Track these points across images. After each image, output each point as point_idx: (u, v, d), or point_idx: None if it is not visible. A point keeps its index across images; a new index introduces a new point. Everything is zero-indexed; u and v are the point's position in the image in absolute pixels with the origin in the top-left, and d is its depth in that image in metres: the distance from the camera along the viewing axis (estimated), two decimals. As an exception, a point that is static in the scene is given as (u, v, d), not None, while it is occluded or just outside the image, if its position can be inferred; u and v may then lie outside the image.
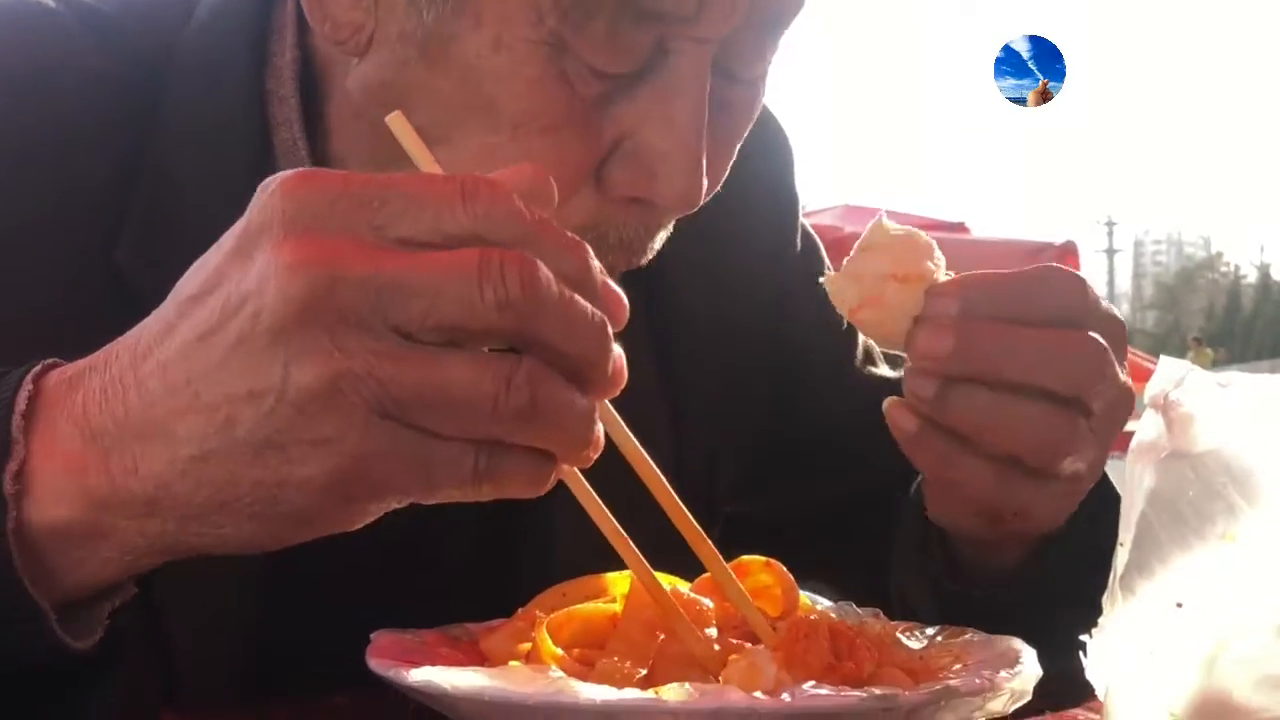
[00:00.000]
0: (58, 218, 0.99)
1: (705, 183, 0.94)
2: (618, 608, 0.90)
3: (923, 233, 0.95)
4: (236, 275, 0.65)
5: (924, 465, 0.97)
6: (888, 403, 0.96)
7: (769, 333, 1.31)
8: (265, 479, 0.65)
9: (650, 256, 1.02)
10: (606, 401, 0.74)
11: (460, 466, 0.66)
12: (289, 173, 0.66)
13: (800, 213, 1.37)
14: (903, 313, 0.92)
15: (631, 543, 0.87)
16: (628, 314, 0.70)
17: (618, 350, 0.68)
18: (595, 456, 0.70)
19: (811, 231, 1.39)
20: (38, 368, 0.71)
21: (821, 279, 0.95)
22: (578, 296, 0.66)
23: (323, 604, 1.04)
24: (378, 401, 0.63)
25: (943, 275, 0.93)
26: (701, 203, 1.00)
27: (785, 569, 0.96)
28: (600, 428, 0.69)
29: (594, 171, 0.94)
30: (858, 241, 0.94)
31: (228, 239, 0.67)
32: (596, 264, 0.68)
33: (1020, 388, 0.90)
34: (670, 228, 1.02)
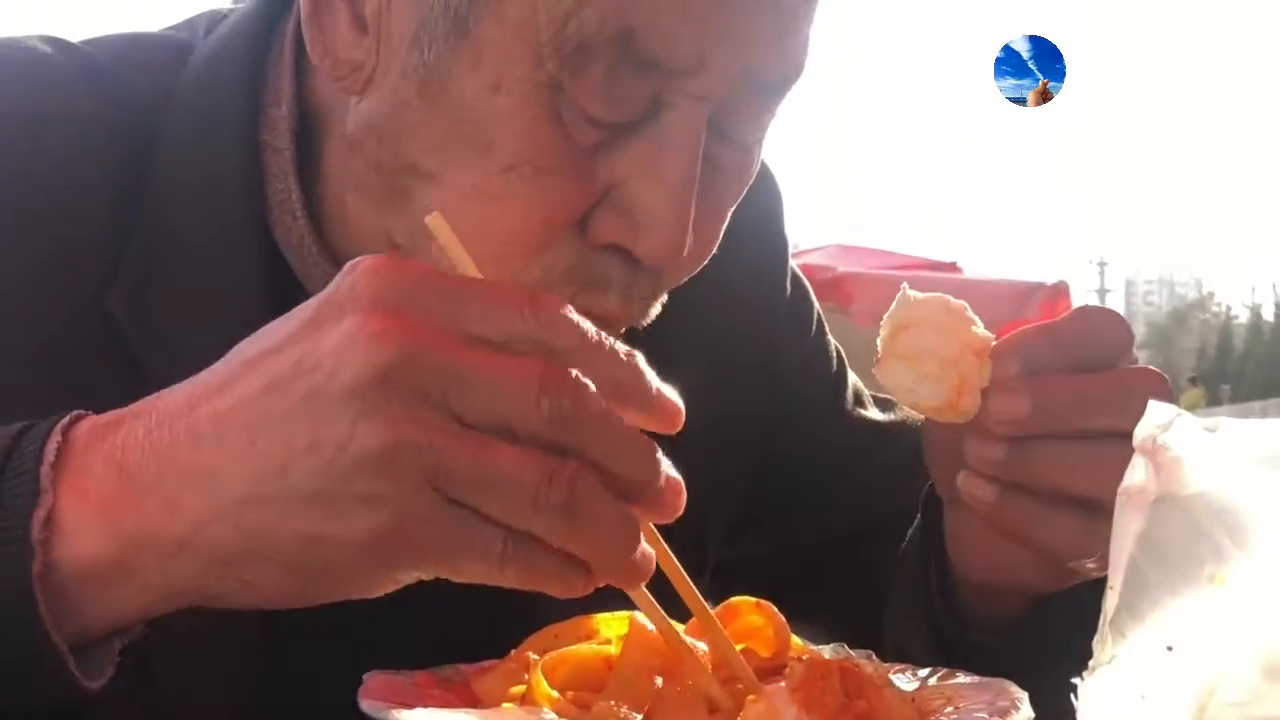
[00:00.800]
0: (50, 265, 0.99)
1: (690, 241, 0.95)
2: (612, 650, 0.90)
3: (945, 295, 0.95)
4: (311, 338, 0.68)
5: (1011, 529, 0.97)
6: (961, 478, 0.96)
7: (759, 377, 1.31)
8: (307, 530, 0.68)
9: (645, 319, 1.02)
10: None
11: (490, 547, 0.69)
12: (376, 256, 0.70)
13: (790, 256, 1.38)
14: (970, 385, 0.92)
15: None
16: (682, 420, 0.74)
17: (675, 474, 0.73)
18: (641, 578, 0.74)
19: (801, 275, 1.39)
20: (66, 419, 0.73)
21: (874, 370, 0.95)
22: (623, 421, 0.70)
23: (314, 646, 1.03)
24: (431, 471, 0.66)
25: (978, 325, 0.94)
26: (691, 268, 1.01)
27: (776, 610, 0.96)
28: (649, 551, 0.73)
29: (580, 219, 0.95)
30: (887, 321, 0.94)
31: (304, 310, 0.70)
32: (650, 376, 0.73)
33: (1095, 433, 0.91)
34: (665, 296, 1.03)
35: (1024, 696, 0.85)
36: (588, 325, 0.71)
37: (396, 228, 0.98)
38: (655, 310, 1.03)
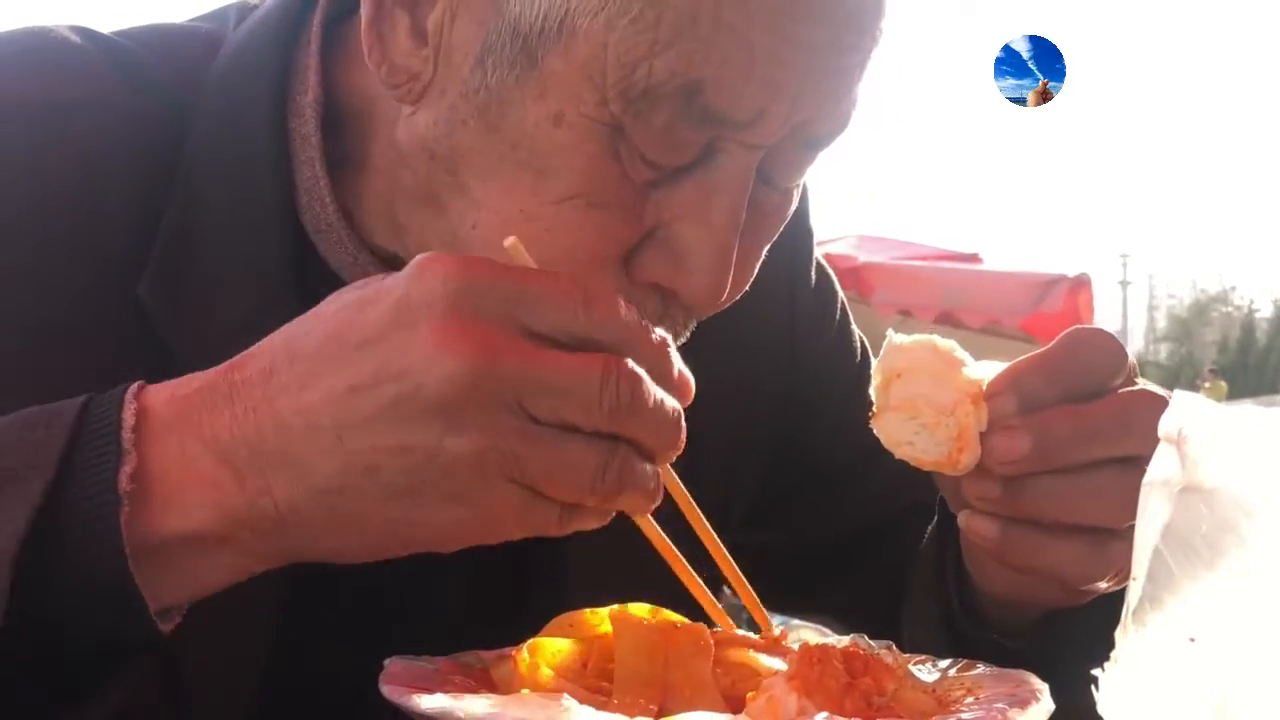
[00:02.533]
0: (81, 253, 0.99)
1: (730, 282, 0.96)
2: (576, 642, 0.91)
3: (934, 336, 0.95)
4: (395, 344, 0.75)
5: (1017, 563, 0.97)
6: (961, 518, 0.97)
7: (782, 363, 1.32)
8: (395, 517, 0.77)
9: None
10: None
11: (549, 518, 0.79)
12: (442, 256, 0.77)
13: (815, 247, 1.38)
14: (969, 439, 0.92)
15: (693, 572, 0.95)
16: (693, 393, 0.83)
17: (683, 428, 0.82)
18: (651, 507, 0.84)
19: (826, 266, 1.39)
20: (132, 388, 0.78)
21: (871, 426, 0.96)
22: (664, 398, 0.80)
23: (337, 631, 1.04)
24: (510, 471, 0.75)
25: (973, 366, 0.94)
26: (725, 304, 1.01)
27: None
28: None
29: (626, 254, 0.96)
30: (877, 370, 0.95)
31: (379, 306, 0.76)
32: (676, 358, 0.82)
33: (1096, 463, 0.91)
34: (690, 329, 1.04)
35: (1044, 688, 0.85)
36: (634, 317, 0.79)
37: (433, 229, 0.99)
38: (682, 339, 1.03)
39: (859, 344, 1.40)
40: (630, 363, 0.77)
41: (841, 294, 1.41)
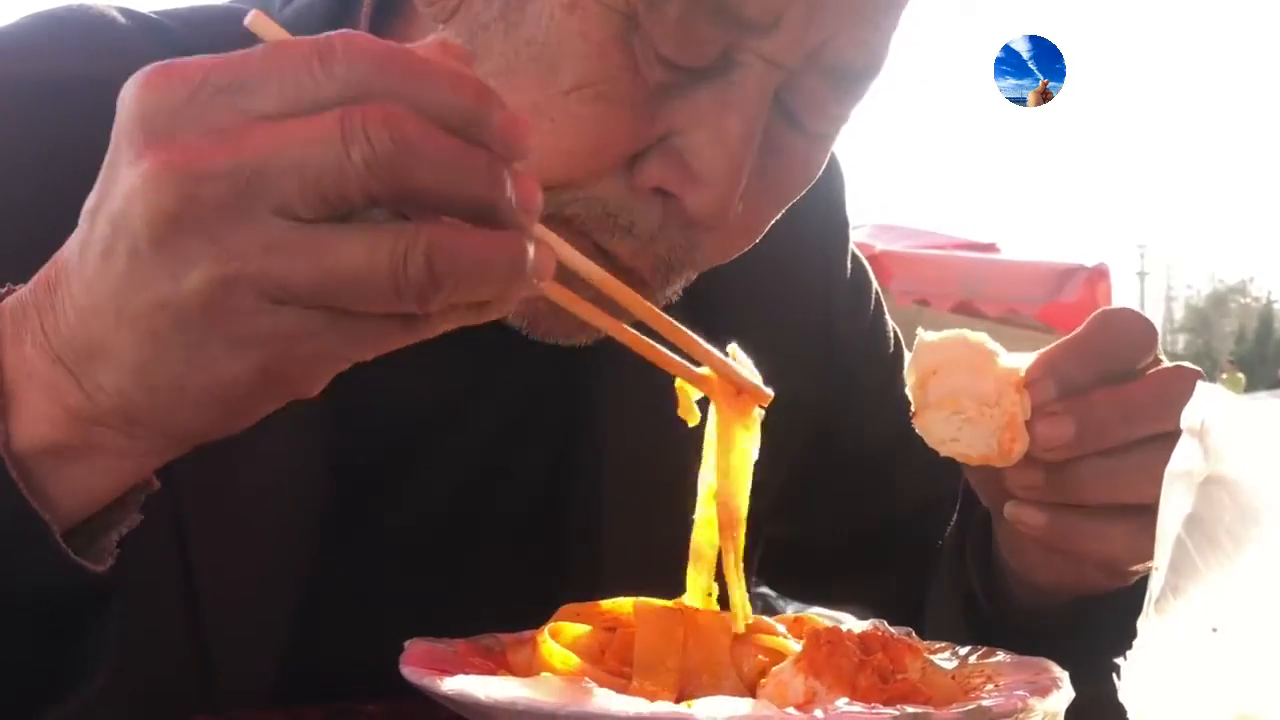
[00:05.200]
0: None
1: (739, 208, 0.94)
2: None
3: (964, 330, 0.95)
4: (114, 189, 0.65)
5: (1067, 548, 0.97)
6: (1008, 508, 0.96)
7: (816, 354, 1.31)
8: (206, 380, 0.67)
9: (664, 291, 1.01)
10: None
11: (388, 329, 0.66)
12: (145, 69, 0.65)
13: (850, 237, 1.37)
14: (1018, 426, 0.92)
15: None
16: (528, 143, 0.66)
17: (526, 180, 0.66)
18: (543, 284, 0.69)
19: (860, 255, 1.39)
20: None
21: (913, 423, 0.95)
22: (455, 141, 0.63)
23: (361, 612, 1.04)
24: (273, 294, 0.63)
25: (1005, 356, 0.93)
26: (729, 248, 1.01)
27: None
28: (543, 242, 0.68)
29: (631, 157, 0.94)
30: (911, 369, 0.94)
31: (109, 152, 0.67)
32: (491, 95, 0.65)
33: (1139, 441, 0.91)
34: (692, 277, 1.02)
35: (1065, 676, 0.85)
36: (390, 55, 0.63)
37: None
38: (676, 284, 1.02)
39: (892, 334, 1.40)
40: (380, 104, 0.62)
41: (876, 285, 1.40)
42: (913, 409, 0.94)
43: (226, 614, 1.00)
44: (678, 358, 0.91)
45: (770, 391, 0.94)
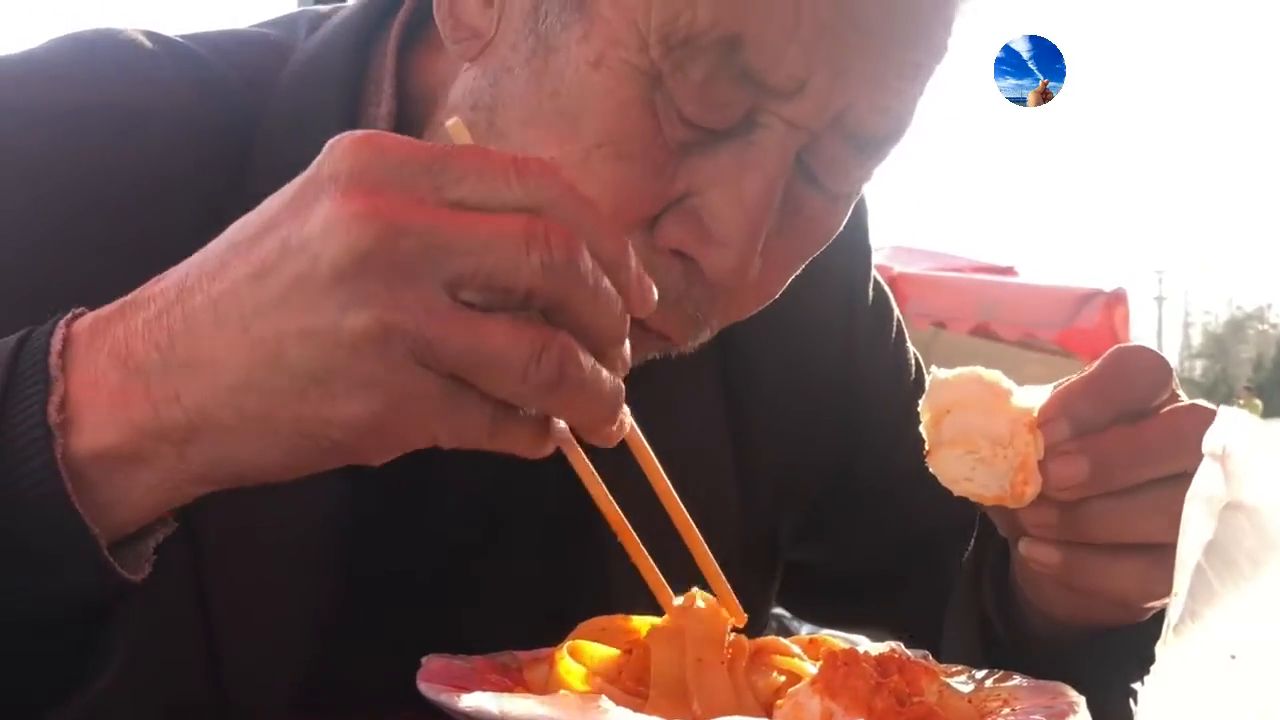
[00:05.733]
0: (142, 261, 0.98)
1: (757, 266, 0.94)
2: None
3: (978, 368, 0.94)
4: (298, 220, 0.68)
5: (1081, 585, 0.97)
6: (1022, 545, 0.96)
7: (838, 383, 1.31)
8: (306, 413, 0.69)
9: (685, 344, 1.01)
10: (634, 426, 0.81)
11: (480, 421, 0.70)
12: (356, 132, 0.70)
13: (872, 264, 1.37)
14: (1030, 468, 0.91)
15: (627, 523, 0.89)
16: (654, 305, 0.74)
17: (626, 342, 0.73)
18: (619, 436, 0.75)
19: (883, 284, 1.38)
20: (68, 315, 0.75)
21: (927, 462, 0.94)
22: (607, 280, 0.70)
23: (376, 630, 1.04)
24: (420, 352, 0.67)
25: (1019, 394, 0.93)
26: (748, 304, 1.01)
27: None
28: (625, 418, 0.75)
29: (651, 217, 0.94)
30: (925, 407, 0.94)
31: (289, 189, 0.71)
32: (633, 253, 0.73)
33: (1154, 481, 0.91)
34: (712, 328, 1.02)
35: (1081, 701, 0.85)
36: (574, 192, 0.71)
37: None
38: (700, 338, 1.02)
39: (913, 361, 1.39)
40: (562, 223, 0.69)
41: (898, 313, 1.40)
42: (926, 447, 0.94)
43: (240, 629, 0.99)
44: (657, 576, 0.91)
45: (744, 615, 0.92)
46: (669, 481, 0.88)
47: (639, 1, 0.89)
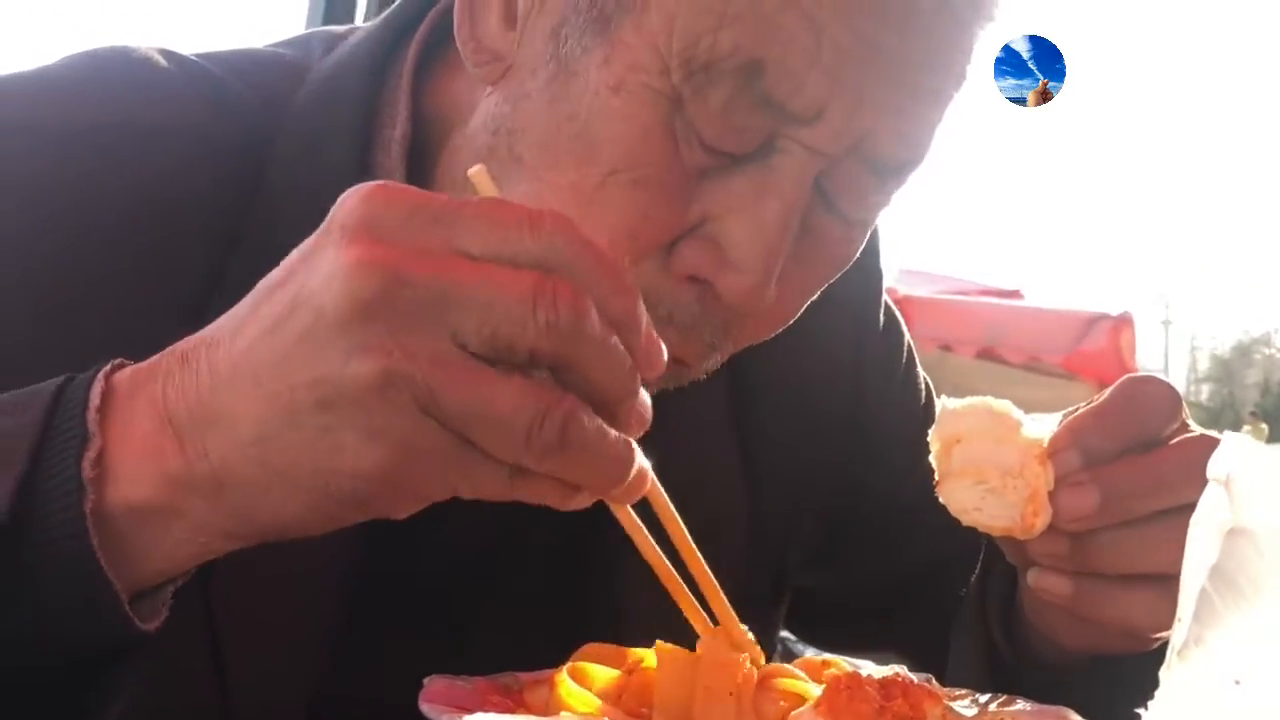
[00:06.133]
0: (154, 281, 0.98)
1: (773, 292, 0.94)
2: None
3: (988, 398, 0.94)
4: (304, 272, 0.69)
5: (1090, 615, 0.97)
6: (1031, 575, 0.96)
7: (847, 409, 1.31)
8: (322, 466, 0.69)
9: (701, 370, 1.01)
10: (655, 481, 0.79)
11: (497, 474, 0.70)
12: (370, 183, 0.70)
13: (884, 289, 1.37)
14: (1041, 500, 0.92)
15: (678, 577, 0.89)
16: (664, 365, 0.73)
17: (645, 397, 0.73)
18: (634, 495, 0.76)
19: (894, 308, 1.38)
20: (108, 367, 0.75)
21: (937, 492, 0.95)
22: (615, 339, 0.69)
23: (383, 655, 1.04)
24: (425, 401, 0.67)
25: (1029, 425, 0.93)
26: (763, 330, 1.01)
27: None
28: (643, 467, 0.74)
29: (668, 244, 0.94)
30: (934, 437, 0.94)
31: (307, 243, 0.71)
32: (644, 312, 0.71)
33: (1165, 512, 0.91)
34: (725, 352, 1.02)
35: (1085, 725, 0.85)
36: (589, 247, 0.70)
37: None
38: (714, 363, 1.02)
39: (924, 386, 1.39)
40: (572, 282, 0.68)
41: (908, 337, 1.40)
42: (936, 477, 0.94)
43: (248, 647, 0.99)
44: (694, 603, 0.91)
45: (762, 654, 0.93)
46: (686, 532, 0.88)
47: (661, 26, 0.89)
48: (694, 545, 0.89)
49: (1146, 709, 0.69)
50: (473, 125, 1.00)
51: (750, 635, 0.93)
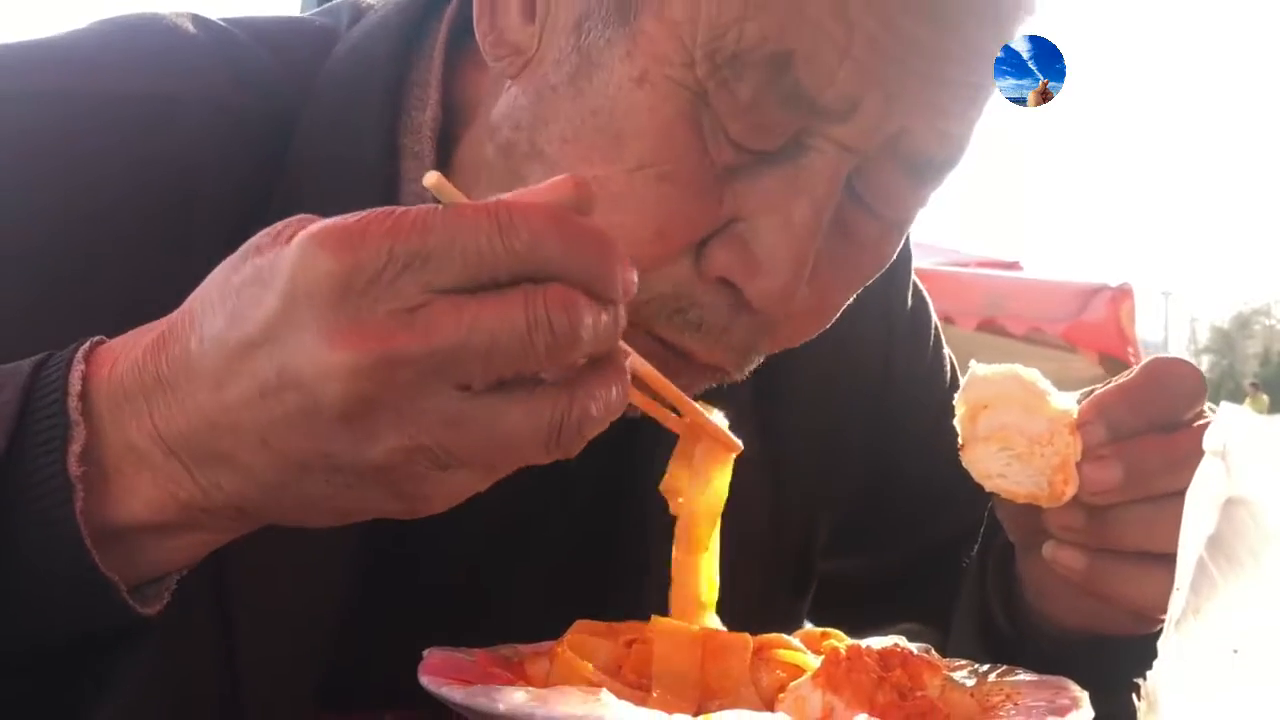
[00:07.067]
0: (175, 256, 0.94)
1: (805, 294, 0.92)
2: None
3: (1017, 366, 0.94)
4: (288, 343, 0.67)
5: (1102, 591, 0.97)
6: (1047, 549, 0.96)
7: (873, 391, 1.29)
8: (347, 506, 0.72)
9: (738, 373, 1.00)
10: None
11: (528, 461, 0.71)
12: (323, 229, 0.67)
13: (912, 268, 1.34)
14: (1069, 468, 0.91)
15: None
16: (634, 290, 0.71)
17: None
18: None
19: (921, 288, 1.35)
20: (84, 347, 0.74)
21: (960, 456, 0.94)
22: (605, 315, 0.69)
23: (400, 629, 1.03)
24: (443, 461, 0.68)
25: (1055, 395, 0.93)
26: (799, 333, 0.99)
27: None
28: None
29: (698, 243, 0.92)
30: (960, 401, 0.93)
31: (271, 286, 0.68)
32: (619, 257, 0.69)
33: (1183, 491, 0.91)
34: (761, 356, 1.00)
35: (1084, 696, 0.85)
36: (559, 228, 0.67)
37: None
38: (750, 366, 1.00)
39: (950, 366, 1.37)
40: (559, 289, 0.67)
41: (935, 317, 1.37)
42: (960, 441, 0.94)
43: (260, 627, 0.98)
44: (661, 406, 0.90)
45: (739, 444, 0.92)
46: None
47: (685, 16, 0.87)
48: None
49: (1145, 680, 0.69)
50: (494, 117, 0.98)
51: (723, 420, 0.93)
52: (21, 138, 0.98)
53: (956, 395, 0.94)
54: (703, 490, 0.91)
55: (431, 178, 0.71)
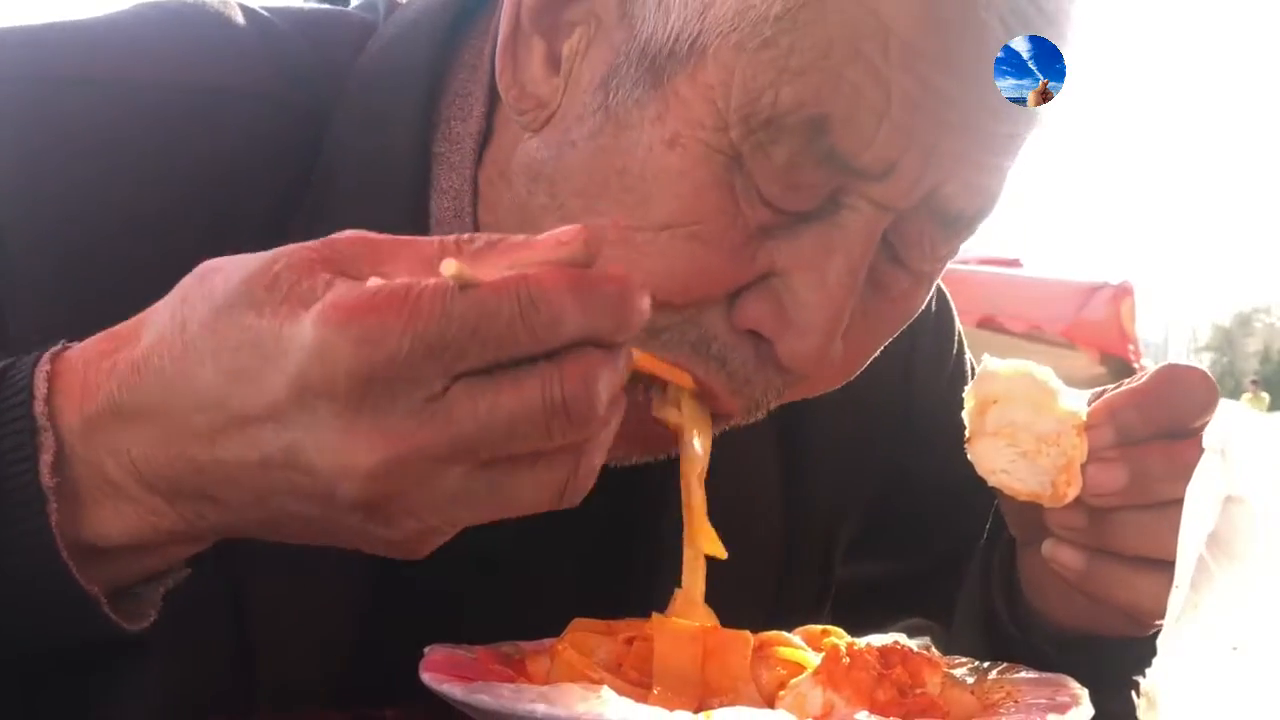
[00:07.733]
0: (209, 234, 0.93)
1: (838, 349, 0.92)
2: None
3: (1030, 363, 0.94)
4: (299, 428, 0.66)
5: (1099, 594, 0.97)
6: (1046, 546, 0.96)
7: (895, 399, 1.27)
8: (332, 542, 0.73)
9: (753, 418, 0.99)
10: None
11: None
12: (339, 313, 0.65)
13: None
14: (1074, 469, 0.92)
15: None
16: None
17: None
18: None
19: (946, 293, 1.34)
20: (49, 354, 0.73)
21: (966, 449, 0.94)
22: (619, 369, 0.70)
23: (413, 628, 1.03)
24: (461, 528, 0.71)
25: (1065, 395, 0.93)
26: (823, 384, 0.99)
27: None
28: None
29: (730, 294, 0.91)
30: (970, 395, 0.94)
31: (281, 364, 0.66)
32: (636, 297, 0.69)
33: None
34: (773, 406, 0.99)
35: (1084, 693, 0.85)
36: (580, 301, 0.67)
37: None
38: (758, 417, 0.99)
39: (971, 371, 1.35)
40: (576, 362, 0.67)
41: (959, 322, 1.36)
42: (967, 434, 0.94)
43: (275, 626, 0.98)
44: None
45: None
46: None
47: (718, 80, 0.85)
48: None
49: (1144, 677, 0.70)
50: (513, 165, 0.97)
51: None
52: (84, 125, 0.97)
53: (967, 388, 0.94)
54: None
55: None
